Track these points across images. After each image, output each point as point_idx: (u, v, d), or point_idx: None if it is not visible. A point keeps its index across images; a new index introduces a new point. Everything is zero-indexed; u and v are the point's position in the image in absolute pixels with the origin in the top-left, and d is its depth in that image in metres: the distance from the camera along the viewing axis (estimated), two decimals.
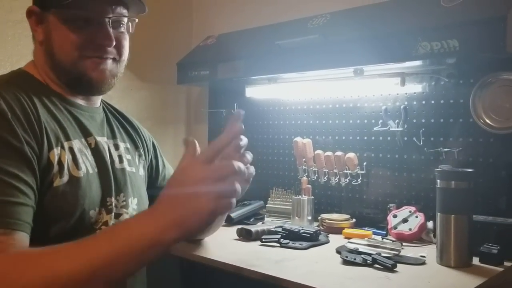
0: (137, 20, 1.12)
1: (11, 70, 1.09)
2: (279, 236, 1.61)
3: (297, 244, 1.56)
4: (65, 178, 0.96)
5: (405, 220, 1.67)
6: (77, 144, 1.03)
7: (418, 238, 1.64)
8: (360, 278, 1.25)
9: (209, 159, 0.78)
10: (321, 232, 1.71)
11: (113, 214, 1.06)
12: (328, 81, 1.89)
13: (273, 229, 1.68)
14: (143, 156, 1.27)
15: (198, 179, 0.76)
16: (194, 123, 2.62)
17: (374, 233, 1.72)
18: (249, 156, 0.88)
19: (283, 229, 1.65)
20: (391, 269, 1.30)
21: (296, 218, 1.91)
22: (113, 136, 1.18)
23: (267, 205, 2.06)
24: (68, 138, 1.01)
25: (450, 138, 1.68)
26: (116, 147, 1.16)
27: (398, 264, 1.33)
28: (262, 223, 1.93)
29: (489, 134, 1.58)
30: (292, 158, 2.13)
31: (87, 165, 1.03)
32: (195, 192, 0.75)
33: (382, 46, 1.55)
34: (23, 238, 0.84)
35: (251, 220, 1.94)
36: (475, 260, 1.41)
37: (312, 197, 1.93)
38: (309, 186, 1.95)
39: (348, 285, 1.19)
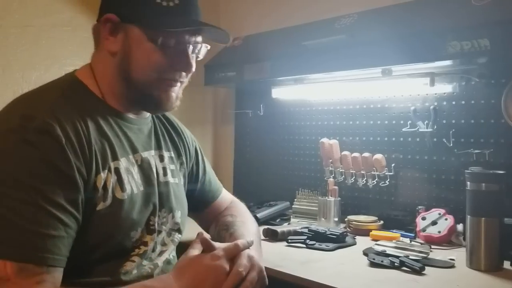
0: (209, 47, 1.11)
1: (45, 72, 1.10)
2: (305, 237, 1.61)
3: (323, 245, 1.56)
4: (108, 201, 0.97)
5: (434, 223, 1.64)
6: (124, 162, 1.03)
7: (448, 241, 1.61)
8: (388, 280, 1.24)
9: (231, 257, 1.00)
10: (348, 233, 1.70)
11: (155, 234, 1.08)
12: (355, 82, 1.87)
13: (299, 230, 1.67)
14: (184, 164, 1.28)
15: (223, 269, 0.96)
16: (221, 124, 2.63)
17: (402, 236, 1.69)
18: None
19: (309, 230, 1.65)
20: (419, 272, 1.29)
21: (323, 219, 1.90)
22: (158, 146, 1.18)
23: (293, 206, 2.06)
24: (115, 158, 1.01)
25: (481, 139, 1.65)
26: (161, 159, 1.17)
27: (426, 267, 1.31)
28: (288, 223, 1.93)
29: None
30: (318, 159, 2.12)
31: (132, 185, 1.03)
32: (220, 280, 0.95)
33: (411, 46, 1.53)
34: (59, 274, 0.87)
35: (277, 220, 1.95)
36: (506, 264, 1.37)
37: (339, 198, 1.91)
38: (336, 187, 1.93)
39: (376, 287, 1.18)
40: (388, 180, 1.87)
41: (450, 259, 1.41)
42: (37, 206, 0.84)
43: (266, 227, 1.72)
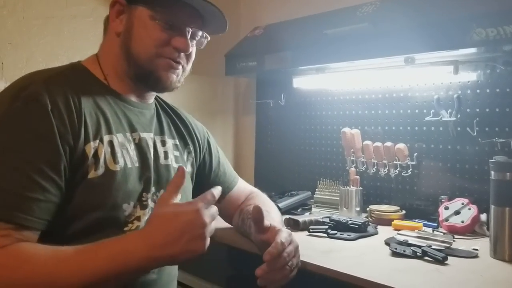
0: (209, 38, 1.17)
1: (68, 63, 1.13)
2: (326, 226, 1.60)
3: (345, 235, 1.56)
4: (101, 170, 0.99)
5: (457, 212, 1.62)
6: (120, 137, 1.06)
7: (471, 231, 1.60)
8: (410, 270, 1.23)
9: (209, 205, 0.94)
10: (370, 223, 1.69)
11: (148, 209, 1.08)
12: (377, 70, 1.85)
13: (321, 220, 1.67)
14: (193, 153, 1.29)
15: (202, 224, 0.90)
16: (242, 114, 2.64)
17: (425, 225, 1.68)
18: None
19: (331, 219, 1.65)
20: (441, 262, 1.28)
21: (344, 209, 1.89)
22: (161, 132, 1.21)
23: (314, 196, 2.06)
24: (109, 132, 1.04)
25: (506, 128, 1.62)
26: (163, 143, 1.19)
27: (449, 257, 1.30)
28: (310, 213, 1.93)
29: None
30: (340, 149, 2.11)
31: (126, 159, 1.06)
32: (198, 235, 0.89)
33: (435, 33, 1.51)
34: (31, 235, 0.89)
35: (299, 210, 1.95)
36: None
37: (361, 188, 1.91)
38: (358, 177, 1.93)
39: (397, 277, 1.18)
40: (411, 169, 1.86)
41: (474, 249, 1.40)
42: (15, 168, 0.87)
43: (287, 216, 1.72)
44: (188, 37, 1.10)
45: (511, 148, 1.59)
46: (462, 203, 1.64)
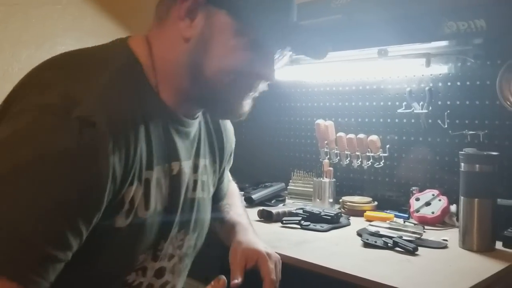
0: (289, 54, 0.94)
1: (36, 50, 1.04)
2: (300, 218, 1.61)
3: (318, 226, 1.57)
4: (130, 219, 0.81)
5: (428, 204, 1.65)
6: (157, 172, 0.87)
7: (441, 221, 1.63)
8: (381, 261, 1.25)
9: None
10: (342, 214, 1.71)
11: (159, 261, 0.93)
12: (351, 62, 1.86)
13: (294, 211, 1.68)
14: (217, 172, 1.14)
15: None
16: None
17: (396, 216, 1.71)
18: None
19: (304, 211, 1.66)
20: (412, 252, 1.30)
21: (317, 200, 1.90)
22: (196, 153, 1.01)
23: (288, 187, 2.07)
24: (149, 167, 0.84)
25: (476, 120, 1.65)
26: (195, 169, 1.00)
27: (419, 248, 1.32)
28: (283, 205, 1.94)
29: None
30: (314, 141, 2.12)
31: (157, 201, 0.88)
32: None
33: (407, 26, 1.52)
34: None
35: (272, 201, 1.95)
36: (498, 245, 1.39)
37: (334, 179, 1.92)
38: (331, 168, 1.94)
39: (369, 267, 1.19)
40: (383, 161, 1.88)
41: (443, 239, 1.42)
42: (47, 214, 0.69)
43: (261, 208, 1.72)
44: (275, 62, 0.89)
45: (480, 140, 1.62)
46: (433, 194, 1.66)
